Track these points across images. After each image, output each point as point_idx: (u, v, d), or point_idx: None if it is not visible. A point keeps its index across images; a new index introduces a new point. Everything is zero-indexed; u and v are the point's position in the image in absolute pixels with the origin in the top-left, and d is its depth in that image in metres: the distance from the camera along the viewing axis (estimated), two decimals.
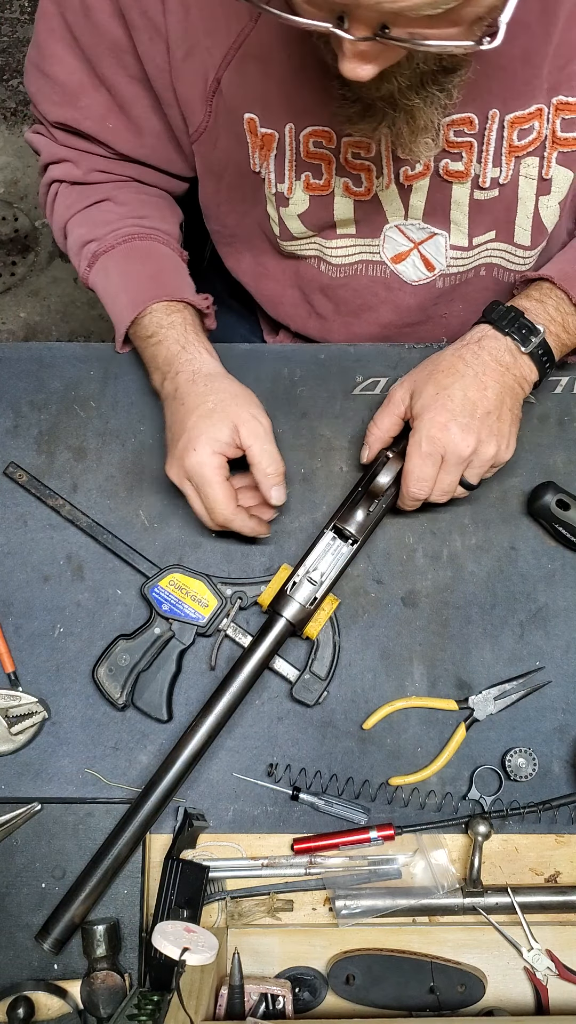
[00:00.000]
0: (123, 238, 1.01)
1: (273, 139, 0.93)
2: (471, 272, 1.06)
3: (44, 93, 0.99)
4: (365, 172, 0.95)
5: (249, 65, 0.88)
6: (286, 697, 0.93)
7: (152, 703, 0.92)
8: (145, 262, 1.01)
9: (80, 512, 0.98)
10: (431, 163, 0.93)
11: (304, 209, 0.99)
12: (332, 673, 0.92)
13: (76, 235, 1.04)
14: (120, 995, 0.81)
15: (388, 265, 1.05)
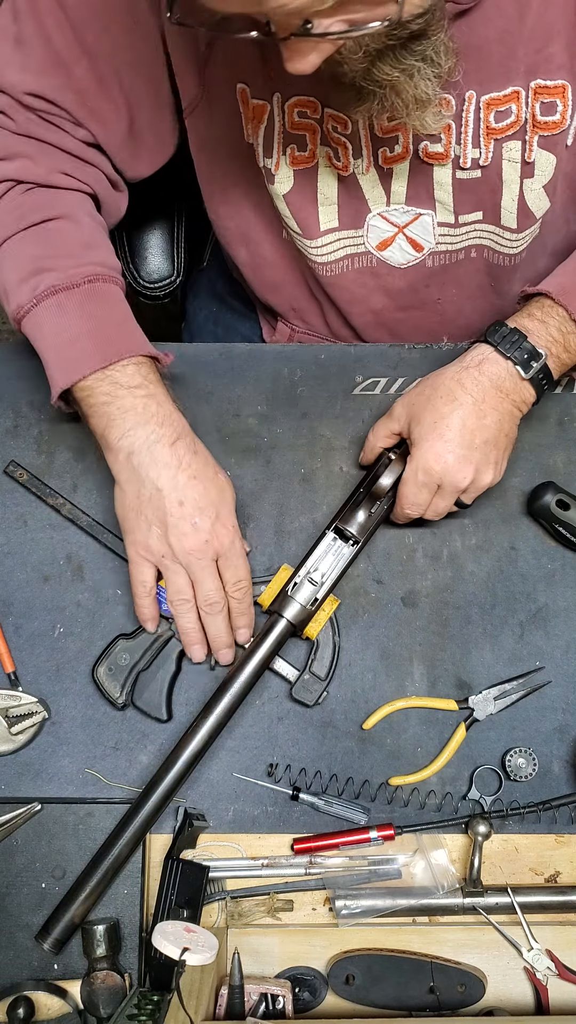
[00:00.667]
0: (87, 277, 0.90)
1: (264, 110, 0.93)
2: (461, 253, 1.05)
3: (15, 62, 0.90)
4: (342, 148, 0.94)
5: None
6: (286, 697, 0.93)
7: (152, 703, 0.92)
8: (113, 307, 0.92)
9: (81, 511, 0.98)
10: (410, 145, 0.93)
11: (289, 188, 0.98)
12: (332, 673, 0.92)
13: (22, 259, 0.92)
14: (120, 995, 0.81)
15: (374, 253, 1.05)
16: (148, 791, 0.86)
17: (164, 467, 0.87)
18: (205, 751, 0.88)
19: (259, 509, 1.00)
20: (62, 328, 0.89)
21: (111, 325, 0.91)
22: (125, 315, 0.93)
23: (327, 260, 1.05)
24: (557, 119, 0.90)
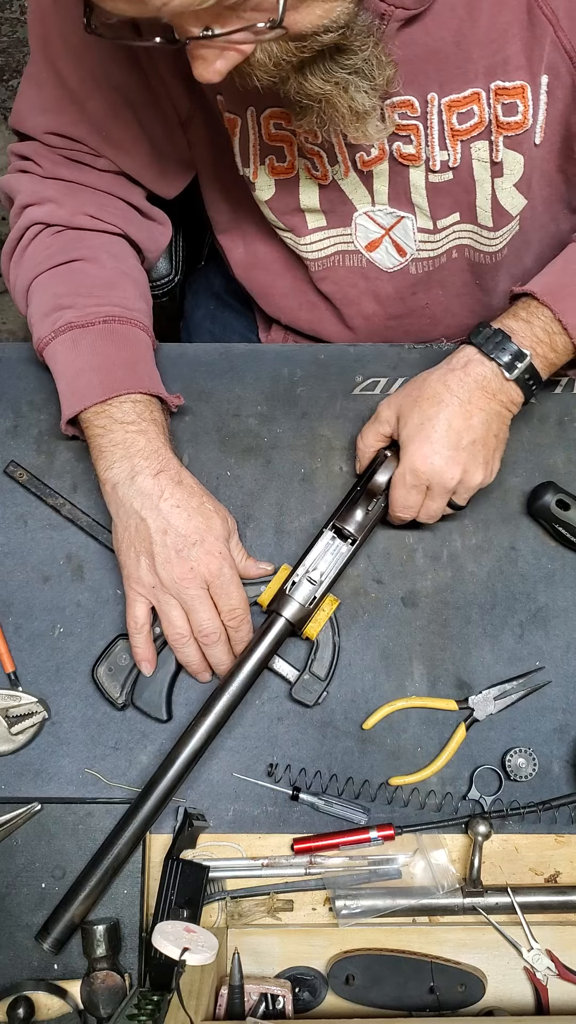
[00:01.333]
0: (104, 317, 0.94)
1: (236, 123, 0.94)
2: (443, 256, 1.06)
3: (36, 105, 0.97)
4: (317, 158, 0.95)
5: None
6: (286, 697, 0.93)
7: (152, 703, 0.92)
8: (123, 347, 0.95)
9: (80, 511, 0.98)
10: (386, 147, 0.93)
11: (271, 195, 0.99)
12: (332, 673, 0.92)
13: (47, 296, 0.96)
14: (120, 995, 0.81)
15: (363, 254, 1.06)
16: (147, 790, 0.86)
17: (146, 497, 0.88)
18: (204, 750, 0.87)
19: (259, 509, 1.00)
20: (72, 361, 0.93)
21: (118, 363, 0.93)
22: (137, 355, 0.95)
23: (318, 256, 1.06)
24: (519, 119, 0.90)
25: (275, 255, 1.12)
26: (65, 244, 0.99)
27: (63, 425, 0.94)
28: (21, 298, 1.02)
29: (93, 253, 0.99)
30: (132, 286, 1.00)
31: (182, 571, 0.88)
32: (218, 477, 1.01)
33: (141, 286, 1.03)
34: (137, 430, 0.90)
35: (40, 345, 0.96)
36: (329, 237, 1.04)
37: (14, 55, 2.46)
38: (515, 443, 1.01)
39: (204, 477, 1.00)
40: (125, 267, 1.01)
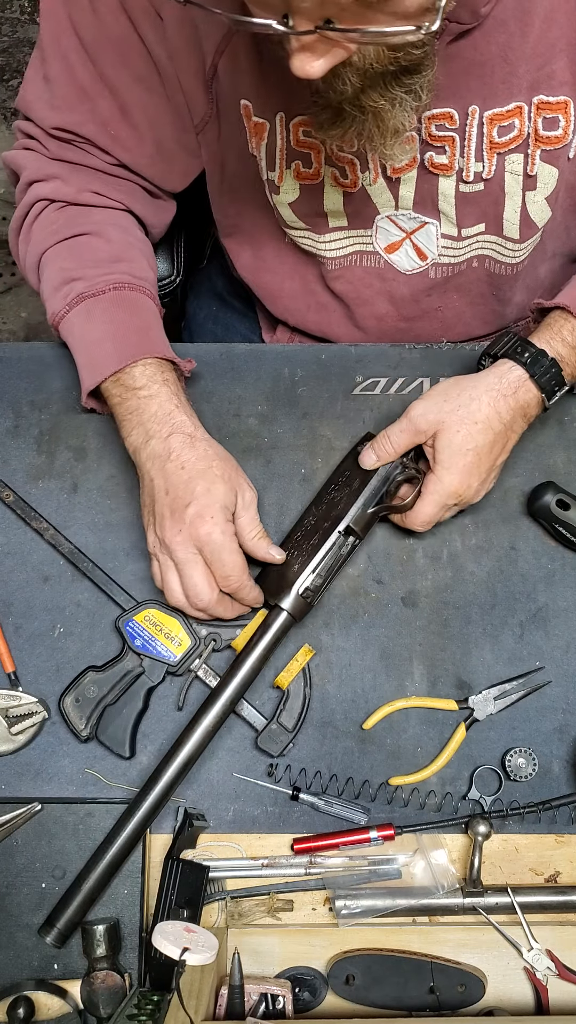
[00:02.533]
0: (113, 284, 0.95)
1: (264, 128, 0.94)
2: (463, 264, 1.06)
3: (44, 99, 0.97)
4: (349, 165, 0.95)
5: (240, 53, 0.88)
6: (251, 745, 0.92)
7: (115, 738, 0.91)
8: (134, 314, 0.96)
9: (64, 538, 0.97)
10: (417, 156, 0.94)
11: (295, 198, 0.99)
12: (300, 725, 0.91)
13: (56, 269, 0.98)
14: (120, 995, 0.81)
15: (382, 255, 1.05)
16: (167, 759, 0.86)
17: (156, 459, 0.89)
18: (206, 747, 0.88)
19: (259, 509, 1.00)
20: (89, 332, 0.95)
21: (131, 330, 0.94)
22: (147, 321, 0.96)
23: (336, 255, 1.06)
24: (559, 134, 0.90)
25: (284, 257, 1.11)
26: (70, 219, 1.00)
27: (84, 398, 0.95)
28: (32, 273, 1.03)
29: (99, 227, 0.99)
30: (139, 256, 1.01)
31: (172, 532, 0.87)
32: None
33: (148, 257, 1.04)
34: (147, 395, 0.91)
35: (55, 319, 0.97)
36: (349, 237, 1.04)
37: (14, 55, 2.46)
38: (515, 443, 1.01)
39: None
40: (131, 239, 1.02)
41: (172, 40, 0.89)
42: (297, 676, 0.92)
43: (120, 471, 1.01)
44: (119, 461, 1.02)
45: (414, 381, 1.04)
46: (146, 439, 0.89)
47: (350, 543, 0.92)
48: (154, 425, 0.89)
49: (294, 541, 0.92)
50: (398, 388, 1.04)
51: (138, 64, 0.92)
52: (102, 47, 0.92)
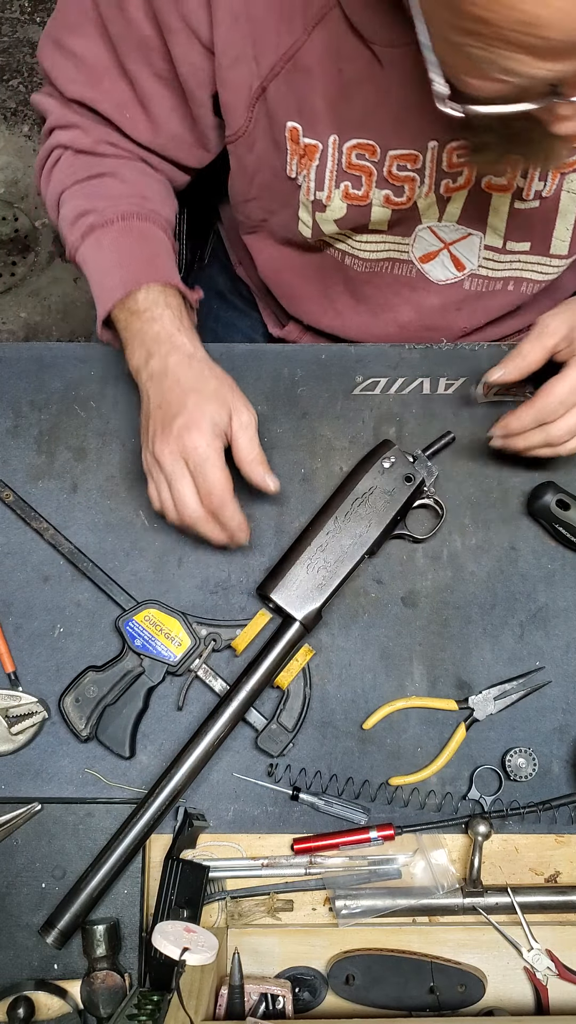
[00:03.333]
0: (122, 214, 0.97)
1: (316, 150, 0.93)
2: (499, 283, 1.06)
3: (62, 69, 0.97)
4: (408, 183, 0.95)
5: (298, 77, 0.88)
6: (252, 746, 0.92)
7: (115, 738, 0.91)
8: (142, 242, 0.98)
9: (64, 538, 0.97)
10: (473, 177, 0.93)
11: (341, 215, 0.99)
12: (300, 725, 0.91)
13: (72, 206, 1.00)
14: (120, 995, 0.81)
15: (415, 264, 1.05)
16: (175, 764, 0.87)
17: (154, 377, 0.90)
18: (214, 752, 0.88)
19: (259, 509, 1.00)
20: (99, 262, 0.97)
21: (137, 258, 0.96)
22: (155, 250, 0.98)
23: (369, 256, 1.05)
24: None
25: (306, 260, 1.10)
26: (87, 164, 1.01)
27: (99, 330, 0.97)
28: (53, 211, 1.05)
29: (114, 169, 1.01)
30: (155, 193, 1.02)
31: (161, 445, 0.87)
32: None
33: (165, 194, 1.04)
34: (150, 317, 0.92)
35: (72, 253, 1.00)
36: (385, 243, 1.04)
37: (14, 55, 2.46)
38: None
39: None
40: (147, 179, 1.03)
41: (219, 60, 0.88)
42: (297, 676, 0.92)
43: (120, 471, 1.01)
44: (119, 461, 1.02)
45: (414, 381, 1.04)
46: (147, 359, 0.90)
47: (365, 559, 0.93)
48: (155, 346, 0.90)
49: (316, 551, 0.92)
50: (398, 388, 1.04)
51: (161, 67, 0.92)
52: (125, 42, 0.91)
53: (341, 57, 0.85)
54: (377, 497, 0.93)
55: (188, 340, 0.91)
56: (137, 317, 0.92)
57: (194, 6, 0.85)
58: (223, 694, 0.91)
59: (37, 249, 2.34)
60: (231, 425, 0.87)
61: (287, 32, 0.85)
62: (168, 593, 0.96)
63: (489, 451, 1.01)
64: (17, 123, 2.42)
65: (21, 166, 2.39)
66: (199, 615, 0.95)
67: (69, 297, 2.32)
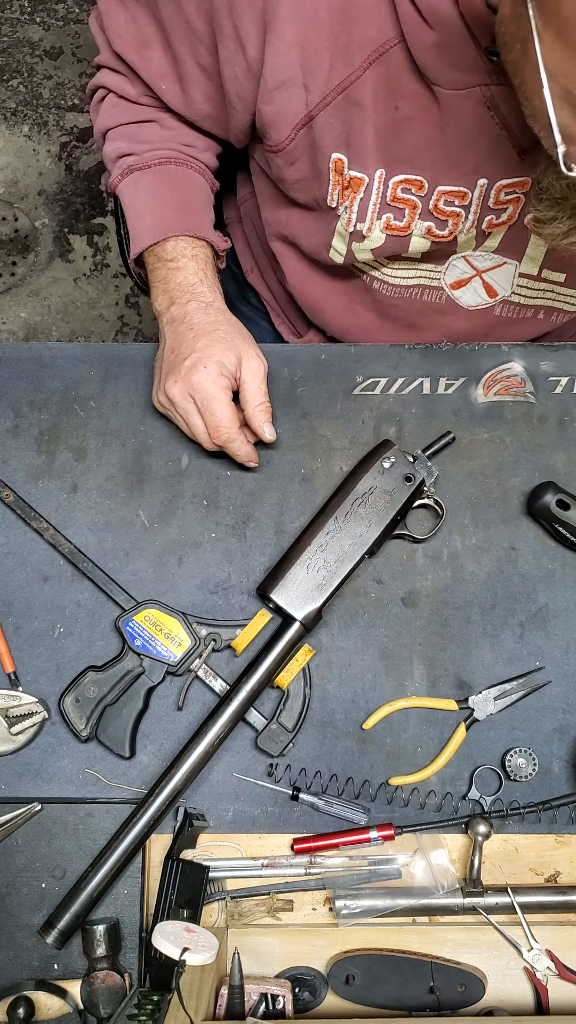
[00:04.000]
0: (160, 159, 1.01)
1: (362, 183, 0.92)
2: (530, 311, 1.06)
3: (115, 20, 0.97)
4: (453, 218, 0.94)
5: (350, 110, 0.87)
6: (251, 746, 0.92)
7: (116, 738, 0.91)
8: (176, 188, 1.01)
9: (64, 538, 0.97)
10: (517, 215, 0.94)
11: (379, 245, 0.98)
12: (300, 725, 0.91)
13: (115, 147, 1.04)
14: (120, 995, 0.81)
15: (446, 291, 1.05)
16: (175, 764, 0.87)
17: (172, 322, 0.96)
18: (214, 752, 0.88)
19: (259, 509, 1.00)
20: (134, 203, 1.02)
21: (169, 205, 1.01)
22: (188, 196, 1.01)
23: (399, 283, 1.05)
24: None
25: (333, 278, 1.10)
26: (133, 110, 1.04)
27: (132, 266, 1.04)
28: (99, 142, 1.08)
29: (158, 117, 1.03)
30: (196, 139, 1.04)
31: (171, 384, 0.92)
32: (218, 477, 1.01)
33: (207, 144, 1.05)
34: (175, 267, 0.98)
35: (112, 187, 1.05)
36: (417, 270, 1.03)
37: (14, 55, 2.46)
38: (515, 443, 1.02)
39: (204, 477, 1.01)
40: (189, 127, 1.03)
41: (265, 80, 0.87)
42: (297, 676, 0.92)
43: (120, 471, 1.01)
44: (119, 461, 1.02)
45: (414, 381, 1.04)
46: (168, 305, 0.97)
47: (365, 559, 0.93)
48: (177, 293, 0.97)
49: (316, 551, 0.92)
50: (398, 388, 1.04)
51: (205, 59, 0.91)
52: (175, 24, 0.90)
53: (397, 95, 0.85)
54: (377, 497, 0.93)
55: (208, 290, 0.98)
56: (163, 265, 0.98)
57: (247, 22, 0.84)
58: (223, 694, 0.91)
59: (37, 249, 2.34)
60: (240, 369, 0.93)
61: (343, 64, 0.84)
62: (168, 593, 0.96)
63: (489, 451, 1.01)
64: (17, 123, 2.42)
65: (21, 166, 2.39)
66: (199, 615, 0.95)
67: (69, 297, 2.32)
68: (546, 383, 1.04)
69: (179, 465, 1.02)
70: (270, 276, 1.24)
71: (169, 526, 0.99)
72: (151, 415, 1.03)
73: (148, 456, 1.02)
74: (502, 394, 1.03)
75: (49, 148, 2.40)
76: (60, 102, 2.43)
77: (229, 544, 0.99)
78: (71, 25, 2.47)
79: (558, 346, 1.06)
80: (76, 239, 2.35)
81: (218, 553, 0.98)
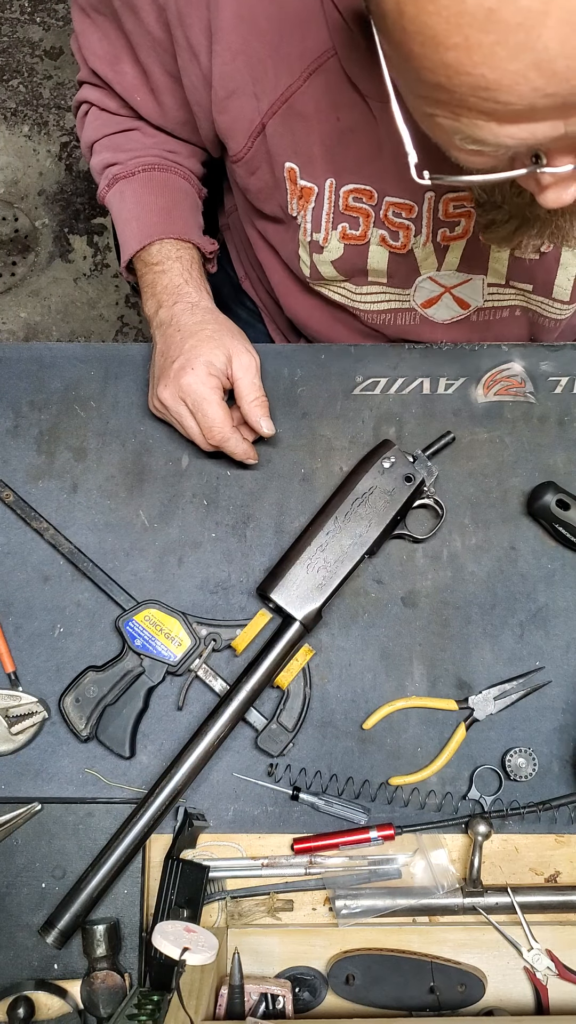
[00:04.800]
0: (143, 167, 1.01)
1: (312, 192, 0.93)
2: (506, 311, 1.06)
3: (88, 38, 0.98)
4: (403, 230, 0.94)
5: (294, 119, 0.87)
6: (252, 745, 0.92)
7: (116, 738, 0.91)
8: (160, 194, 1.01)
9: (64, 538, 0.97)
10: (471, 228, 0.93)
11: (338, 256, 0.98)
12: (300, 725, 0.91)
13: (100, 158, 1.04)
14: (120, 995, 0.81)
15: (418, 311, 1.05)
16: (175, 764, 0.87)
17: (161, 326, 0.96)
18: (214, 752, 0.88)
19: (259, 509, 1.00)
20: (121, 212, 1.02)
21: (154, 210, 1.01)
22: (173, 201, 1.02)
23: (370, 308, 1.05)
24: None
25: (314, 293, 1.09)
26: (115, 120, 1.04)
27: (124, 274, 1.05)
28: (87, 156, 1.09)
29: (140, 125, 1.03)
30: (178, 145, 1.04)
31: (163, 388, 0.92)
32: (218, 477, 1.01)
33: (190, 150, 1.05)
34: (160, 270, 0.98)
35: (101, 198, 1.06)
36: (386, 294, 1.03)
37: (14, 55, 2.46)
38: (515, 443, 1.02)
39: (204, 477, 1.01)
40: (167, 135, 1.04)
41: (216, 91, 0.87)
42: (297, 676, 0.92)
43: (120, 471, 1.01)
44: (119, 461, 1.02)
45: (414, 381, 1.04)
46: (156, 308, 0.97)
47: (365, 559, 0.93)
48: (164, 296, 0.97)
49: (316, 551, 0.92)
50: (398, 388, 1.04)
51: (171, 66, 0.91)
52: (139, 37, 0.91)
53: (337, 105, 0.85)
54: (377, 497, 0.93)
55: (194, 290, 0.97)
56: (150, 269, 0.99)
57: (196, 32, 0.84)
58: (223, 694, 0.91)
59: (37, 249, 2.34)
60: (231, 367, 0.92)
61: (285, 74, 0.84)
62: (168, 593, 0.96)
63: (489, 451, 1.01)
64: (17, 123, 2.42)
65: (21, 166, 2.39)
66: (199, 615, 0.95)
67: (69, 297, 2.32)
68: (546, 383, 1.04)
69: (179, 465, 1.02)
70: (259, 287, 1.24)
71: (169, 526, 0.99)
72: (151, 415, 1.03)
73: (148, 456, 1.02)
74: (502, 394, 1.03)
75: (49, 148, 2.40)
76: (60, 102, 2.43)
77: (229, 544, 0.99)
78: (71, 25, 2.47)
79: (558, 346, 1.06)
80: (76, 239, 2.35)
81: (218, 553, 0.98)
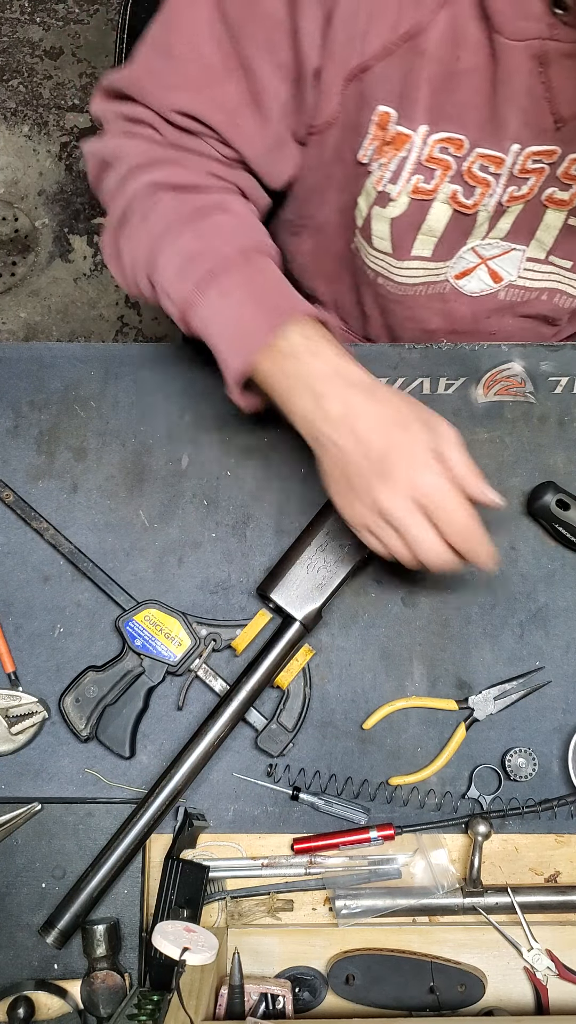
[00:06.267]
0: (241, 249, 0.84)
1: (406, 140, 0.88)
2: (535, 292, 1.05)
3: (163, 77, 0.87)
4: (483, 185, 0.92)
5: (413, 60, 0.82)
6: (252, 745, 0.92)
7: (116, 738, 0.91)
8: (270, 277, 0.85)
9: (64, 538, 0.97)
10: (536, 187, 0.92)
11: (400, 213, 0.95)
12: (300, 725, 0.91)
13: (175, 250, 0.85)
14: (120, 995, 0.82)
15: (450, 282, 1.04)
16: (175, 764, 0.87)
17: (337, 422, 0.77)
18: (214, 752, 0.88)
19: (259, 509, 1.00)
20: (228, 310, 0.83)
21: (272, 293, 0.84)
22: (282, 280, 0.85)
23: (404, 282, 1.03)
24: None
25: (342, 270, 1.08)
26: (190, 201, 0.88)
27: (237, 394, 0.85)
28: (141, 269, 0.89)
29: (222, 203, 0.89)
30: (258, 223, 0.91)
31: (390, 495, 0.76)
32: (218, 477, 1.01)
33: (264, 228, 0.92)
34: (309, 355, 0.79)
35: (184, 306, 0.84)
36: (424, 269, 1.01)
37: (14, 55, 2.46)
38: (515, 443, 1.02)
39: (204, 477, 1.01)
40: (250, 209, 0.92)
41: (335, 31, 0.81)
42: (297, 676, 0.92)
43: (120, 471, 1.01)
44: (119, 461, 1.02)
45: (414, 381, 1.04)
46: (317, 401, 0.78)
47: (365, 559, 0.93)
48: (325, 385, 0.78)
49: (316, 551, 0.92)
50: (398, 388, 1.04)
51: (283, 52, 0.84)
52: (249, 25, 0.83)
53: (461, 43, 0.80)
54: None
55: (357, 369, 0.80)
56: (292, 359, 0.79)
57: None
58: (223, 694, 0.91)
59: (37, 249, 2.34)
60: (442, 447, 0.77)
61: (412, 8, 0.79)
62: (168, 593, 0.96)
63: (489, 451, 1.01)
64: (17, 123, 2.42)
65: (21, 166, 2.39)
66: (199, 615, 0.95)
67: (69, 297, 2.32)
68: (546, 383, 1.04)
69: (179, 465, 1.02)
70: None
71: (169, 526, 0.99)
72: (151, 415, 1.03)
73: (148, 456, 1.02)
74: (502, 394, 1.03)
75: (49, 148, 2.40)
76: (60, 102, 2.43)
77: (229, 544, 0.99)
78: (71, 25, 2.47)
79: (558, 346, 1.06)
80: (76, 239, 2.35)
81: (218, 553, 0.98)
